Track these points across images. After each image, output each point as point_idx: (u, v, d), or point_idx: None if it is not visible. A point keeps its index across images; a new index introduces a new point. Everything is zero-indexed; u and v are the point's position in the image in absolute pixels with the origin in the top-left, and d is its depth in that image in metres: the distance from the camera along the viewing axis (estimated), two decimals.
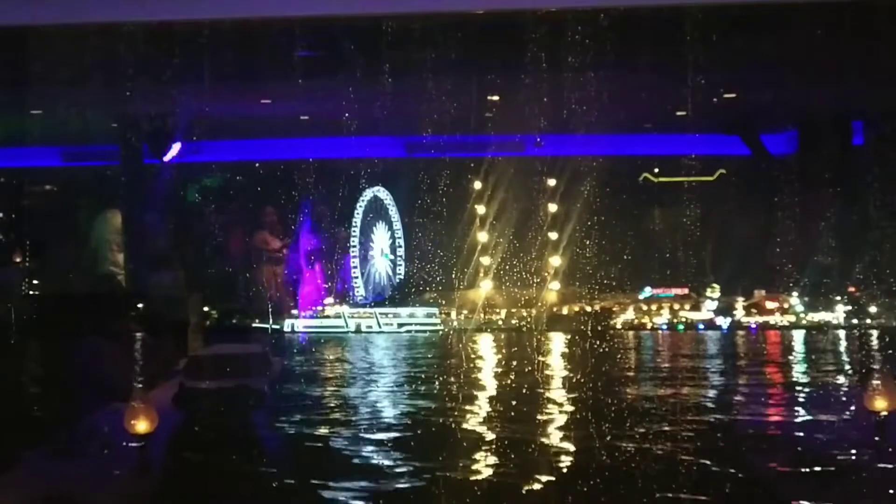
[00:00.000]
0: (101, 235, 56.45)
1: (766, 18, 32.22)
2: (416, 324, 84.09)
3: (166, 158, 53.06)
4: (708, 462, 15.33)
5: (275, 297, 79.34)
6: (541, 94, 41.89)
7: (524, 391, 25.59)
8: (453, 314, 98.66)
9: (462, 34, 34.46)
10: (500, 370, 35.30)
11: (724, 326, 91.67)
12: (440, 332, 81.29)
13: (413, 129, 48.28)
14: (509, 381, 30.62)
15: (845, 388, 30.98)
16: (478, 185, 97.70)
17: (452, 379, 35.00)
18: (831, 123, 46.27)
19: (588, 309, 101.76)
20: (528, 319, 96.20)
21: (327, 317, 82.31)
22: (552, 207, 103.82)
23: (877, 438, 17.42)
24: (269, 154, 60.30)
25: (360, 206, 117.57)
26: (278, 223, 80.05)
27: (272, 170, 64.01)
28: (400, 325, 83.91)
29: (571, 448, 16.79)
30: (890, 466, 13.89)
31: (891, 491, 12.22)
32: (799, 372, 38.84)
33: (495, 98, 44.59)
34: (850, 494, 12.31)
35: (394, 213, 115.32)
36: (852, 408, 24.88)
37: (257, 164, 63.48)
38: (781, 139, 51.78)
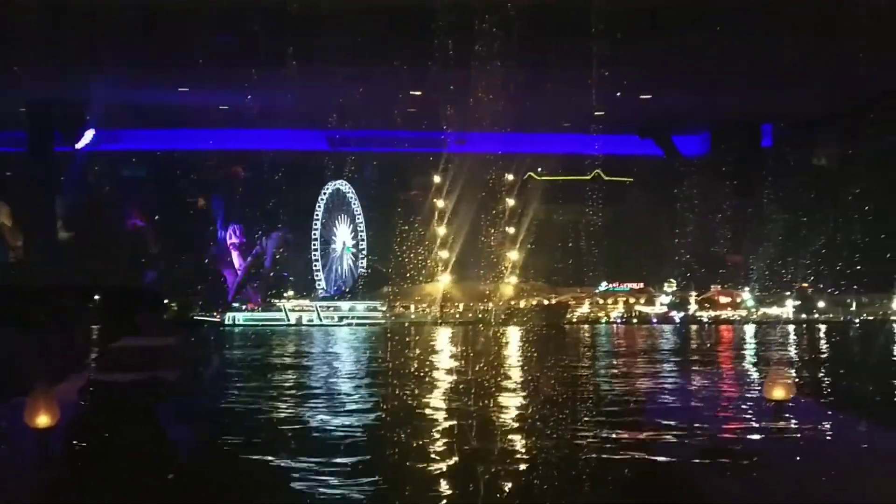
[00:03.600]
0: None
1: (682, 23, 32.31)
2: (357, 318, 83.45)
3: (79, 146, 51.01)
4: (609, 446, 15.40)
5: (218, 289, 78.74)
6: (463, 93, 41.72)
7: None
8: (412, 307, 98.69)
9: (382, 28, 34.13)
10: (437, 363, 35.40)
11: (678, 320, 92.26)
12: (384, 326, 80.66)
13: (335, 122, 47.76)
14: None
15: (755, 378, 31.28)
16: (437, 179, 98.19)
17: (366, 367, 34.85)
18: (741, 126, 46.94)
19: (545, 303, 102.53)
20: (486, 313, 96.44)
21: (268, 310, 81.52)
22: (510, 202, 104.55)
23: (771, 424, 17.19)
24: (189, 144, 58.88)
25: (322, 200, 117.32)
26: (221, 216, 79.12)
27: (212, 161, 63.18)
28: (341, 319, 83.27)
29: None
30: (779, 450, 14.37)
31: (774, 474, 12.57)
32: (723, 363, 39.17)
33: (417, 94, 44.24)
34: (741, 478, 12.51)
35: (356, 206, 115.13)
36: (755, 396, 25.17)
37: (191, 154, 62.22)
38: (695, 141, 52.29)
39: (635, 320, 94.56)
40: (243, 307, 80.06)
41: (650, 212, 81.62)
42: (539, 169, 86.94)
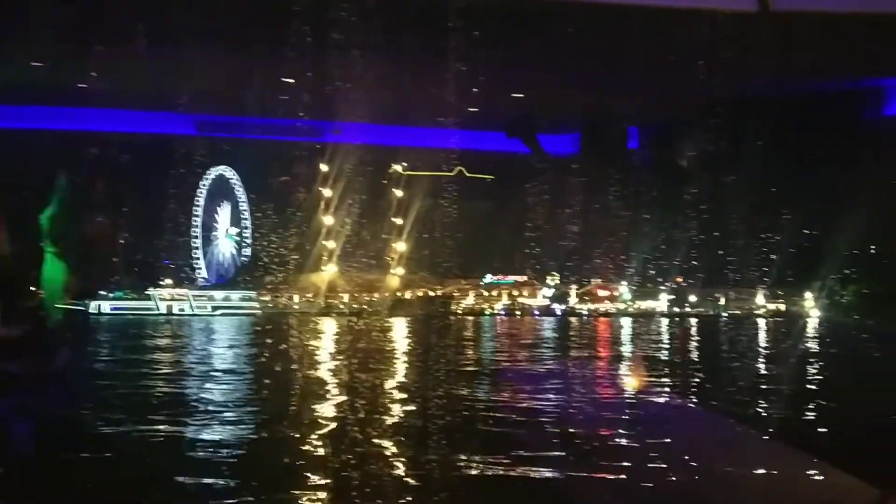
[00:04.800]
0: None
1: (552, 24, 32.62)
2: (231, 307, 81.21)
3: None
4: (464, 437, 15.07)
5: (80, 275, 74.79)
6: (336, 84, 41.00)
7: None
8: (295, 297, 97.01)
9: (241, 12, 32.95)
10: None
11: (559, 312, 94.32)
12: (259, 316, 78.85)
13: (203, 107, 45.99)
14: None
15: (615, 370, 32.13)
16: (324, 168, 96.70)
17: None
18: (610, 127, 48.38)
19: (431, 294, 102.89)
20: (372, 304, 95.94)
21: (137, 298, 78.15)
22: (398, 193, 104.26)
23: (625, 414, 17.70)
24: (43, 123, 55.47)
25: (204, 185, 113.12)
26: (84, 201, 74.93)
27: (79, 142, 59.69)
28: (214, 309, 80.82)
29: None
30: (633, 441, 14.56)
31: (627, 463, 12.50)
32: (587, 355, 40.06)
33: (290, 81, 43.14)
34: (598, 467, 12.33)
35: (240, 192, 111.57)
36: (614, 387, 25.78)
37: (43, 133, 58.25)
38: (566, 140, 53.64)
39: (518, 312, 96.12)
40: (110, 295, 76.40)
41: (525, 207, 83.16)
42: (404, 164, 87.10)
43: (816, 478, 10.55)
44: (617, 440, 15.32)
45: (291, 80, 43.56)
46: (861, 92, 42.50)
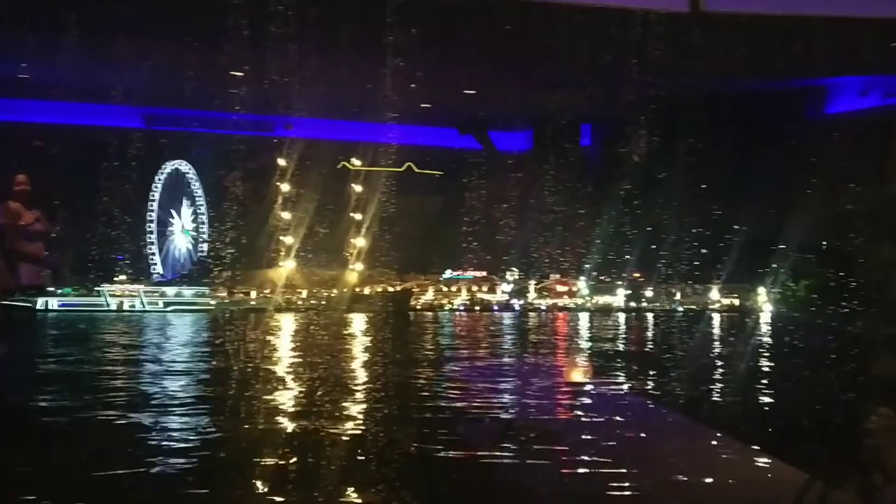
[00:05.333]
0: None
1: (493, 20, 32.42)
2: (183, 303, 79.92)
3: None
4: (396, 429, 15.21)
5: (26, 272, 73.07)
6: (288, 79, 40.43)
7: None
8: (252, 293, 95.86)
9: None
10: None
11: (517, 308, 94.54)
12: (214, 313, 77.80)
13: (151, 100, 45.06)
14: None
15: (554, 361, 32.55)
16: (282, 162, 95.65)
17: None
18: (563, 124, 48.53)
19: (390, 290, 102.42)
20: (330, 299, 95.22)
21: (86, 294, 76.54)
22: (357, 188, 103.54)
23: (571, 405, 18.57)
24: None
25: (160, 180, 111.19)
26: (31, 193, 72.96)
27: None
28: (166, 305, 79.49)
29: None
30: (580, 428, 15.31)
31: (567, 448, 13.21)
32: (535, 349, 40.35)
33: (240, 74, 42.40)
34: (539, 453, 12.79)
35: (197, 187, 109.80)
36: (558, 379, 26.37)
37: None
38: (519, 137, 53.67)
39: (477, 308, 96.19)
40: (58, 291, 74.73)
41: (482, 204, 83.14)
42: (352, 158, 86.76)
43: (735, 458, 10.89)
44: (540, 424, 15.95)
45: (241, 74, 42.92)
46: (804, 91, 43.16)
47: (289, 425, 16.63)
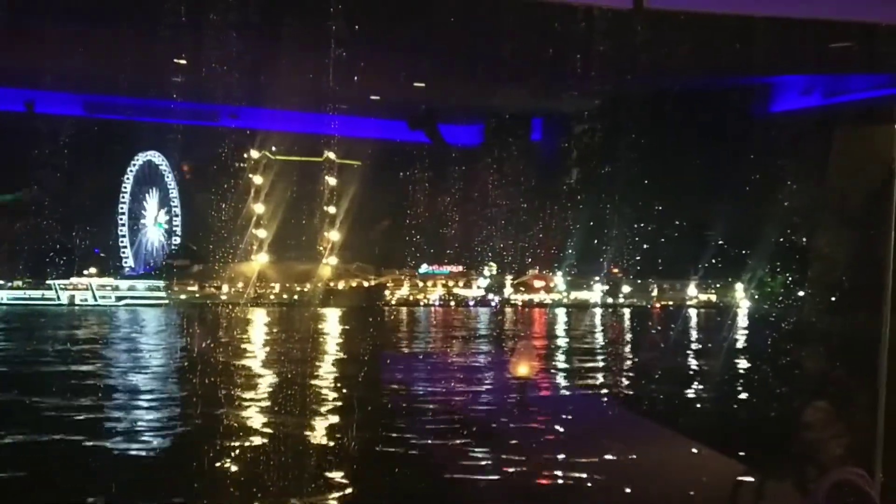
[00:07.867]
0: None
1: (439, 12, 30.88)
2: (137, 297, 77.98)
3: None
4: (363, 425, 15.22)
5: None
6: (234, 65, 38.72)
7: None
8: (225, 287, 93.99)
9: None
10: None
11: (493, 303, 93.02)
12: (168, 306, 76.11)
13: (91, 86, 42.99)
14: None
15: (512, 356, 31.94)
16: (255, 154, 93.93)
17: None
18: (513, 119, 47.01)
19: (365, 284, 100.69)
20: (304, 294, 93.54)
21: (36, 288, 74.49)
22: (331, 181, 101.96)
23: (516, 398, 18.93)
24: None
25: (132, 171, 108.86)
26: None
27: None
28: (119, 299, 77.52)
29: None
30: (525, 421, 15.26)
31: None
32: (495, 345, 39.60)
33: (183, 62, 40.53)
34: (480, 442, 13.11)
35: (170, 179, 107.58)
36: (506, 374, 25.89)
37: None
38: (470, 131, 52.30)
39: (453, 303, 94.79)
40: (8, 285, 72.77)
41: (434, 198, 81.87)
42: (273, 148, 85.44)
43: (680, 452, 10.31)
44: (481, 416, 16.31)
45: (184, 62, 41.03)
46: (749, 89, 41.58)
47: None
